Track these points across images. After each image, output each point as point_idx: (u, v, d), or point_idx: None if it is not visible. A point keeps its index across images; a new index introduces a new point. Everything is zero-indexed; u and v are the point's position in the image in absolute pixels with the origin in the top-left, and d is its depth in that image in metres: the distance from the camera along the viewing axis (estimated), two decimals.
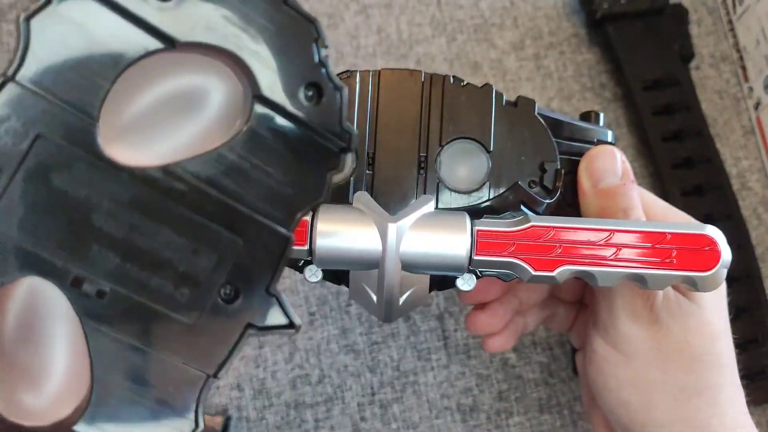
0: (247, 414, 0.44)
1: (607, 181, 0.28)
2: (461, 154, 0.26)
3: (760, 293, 0.47)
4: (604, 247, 0.24)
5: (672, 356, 0.27)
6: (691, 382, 0.27)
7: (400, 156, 0.26)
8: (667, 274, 0.24)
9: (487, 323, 0.32)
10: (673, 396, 0.27)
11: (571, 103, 0.53)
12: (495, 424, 0.44)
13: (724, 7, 0.57)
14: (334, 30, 0.54)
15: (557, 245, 0.24)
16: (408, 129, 0.26)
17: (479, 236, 0.24)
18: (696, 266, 0.24)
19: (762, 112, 0.52)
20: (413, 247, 0.24)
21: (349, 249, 0.24)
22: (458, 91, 0.27)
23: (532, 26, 0.55)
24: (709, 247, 0.24)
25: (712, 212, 0.48)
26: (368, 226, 0.24)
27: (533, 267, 0.24)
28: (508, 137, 0.27)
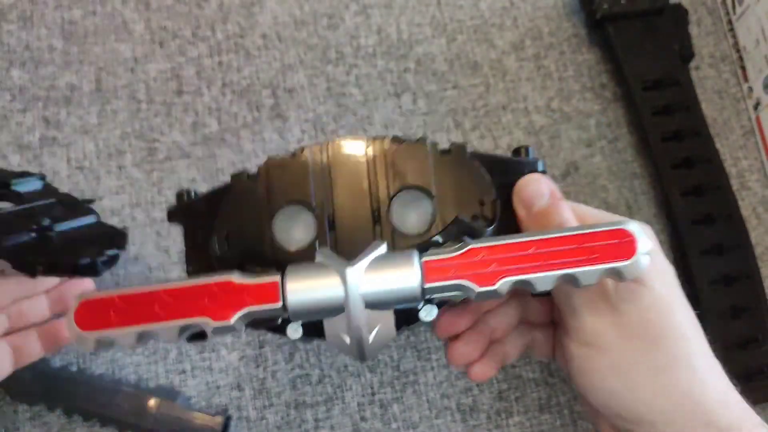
0: (248, 414, 0.44)
1: (538, 204, 0.31)
2: (408, 202, 0.30)
3: (760, 293, 0.47)
4: (535, 256, 0.27)
5: (637, 337, 0.29)
6: (662, 357, 0.29)
7: (357, 213, 0.29)
8: (594, 269, 0.26)
9: (464, 352, 0.33)
10: (651, 373, 0.29)
11: (571, 103, 0.53)
12: (495, 424, 0.44)
13: (723, 8, 0.57)
14: (334, 30, 0.54)
15: (493, 261, 0.27)
16: (360, 189, 0.30)
17: (426, 266, 0.27)
18: (617, 257, 0.26)
19: (761, 112, 0.52)
20: (372, 287, 0.27)
21: (317, 298, 0.27)
22: (398, 149, 0.30)
23: (532, 26, 0.55)
24: (626, 239, 0.26)
25: (712, 212, 0.48)
26: (330, 275, 0.27)
27: (477, 284, 0.27)
28: (447, 181, 0.30)
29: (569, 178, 0.51)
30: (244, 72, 0.52)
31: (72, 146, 0.49)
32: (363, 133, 0.51)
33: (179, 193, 0.34)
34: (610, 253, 0.26)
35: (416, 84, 0.53)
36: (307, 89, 0.52)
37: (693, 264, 0.47)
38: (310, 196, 0.30)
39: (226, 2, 0.54)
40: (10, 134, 0.49)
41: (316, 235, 0.29)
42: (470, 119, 0.52)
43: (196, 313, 0.26)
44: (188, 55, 0.53)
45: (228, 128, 0.51)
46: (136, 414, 0.42)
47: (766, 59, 0.51)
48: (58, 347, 0.40)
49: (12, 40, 0.52)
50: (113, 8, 0.54)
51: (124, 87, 0.51)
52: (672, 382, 0.28)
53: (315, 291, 0.27)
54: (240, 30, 0.54)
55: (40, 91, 0.51)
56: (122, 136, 0.50)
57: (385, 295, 0.27)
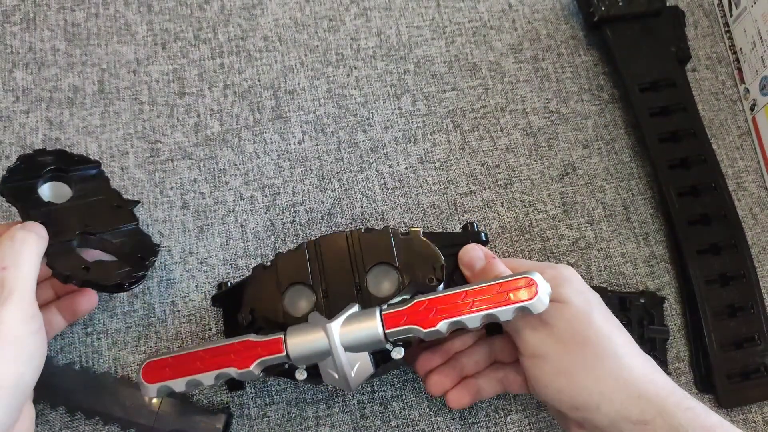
0: (249, 412, 0.44)
1: (477, 265, 0.40)
2: (380, 274, 0.40)
3: (756, 292, 0.47)
4: (464, 303, 0.35)
5: (568, 342, 0.36)
6: (590, 353, 0.35)
7: (343, 286, 0.40)
8: (508, 308, 0.35)
9: (437, 381, 0.41)
10: (585, 367, 0.35)
11: (569, 104, 0.54)
12: (493, 422, 0.44)
13: (720, 10, 0.57)
14: (334, 32, 0.55)
15: (434, 309, 0.36)
16: (344, 268, 0.40)
17: (385, 317, 0.36)
18: (525, 298, 0.35)
19: (758, 114, 0.52)
20: (348, 335, 0.36)
21: (309, 348, 0.36)
22: (369, 236, 0.41)
23: (530, 29, 0.56)
24: (531, 284, 0.35)
25: (708, 212, 0.49)
26: (317, 330, 0.37)
27: (422, 327, 0.35)
28: (407, 255, 0.40)
29: (566, 178, 0.51)
30: (246, 74, 0.53)
31: (75, 147, 0.50)
32: (363, 134, 0.52)
33: (220, 284, 0.45)
34: (519, 296, 0.35)
35: (415, 86, 0.53)
36: (308, 91, 0.53)
37: (690, 264, 0.47)
38: (308, 278, 0.40)
39: (227, 5, 0.55)
40: (13, 135, 0.50)
41: (315, 304, 0.39)
42: (469, 120, 0.53)
43: (225, 365, 0.36)
44: (190, 57, 0.53)
45: (229, 129, 0.51)
46: (139, 412, 0.42)
47: (762, 61, 0.52)
48: (75, 318, 0.44)
49: (15, 42, 0.53)
50: (116, 10, 0.54)
51: (127, 88, 0.52)
52: (603, 370, 0.35)
53: (307, 342, 0.36)
54: (241, 32, 0.54)
55: (44, 92, 0.51)
56: (125, 137, 0.50)
57: (358, 341, 0.36)
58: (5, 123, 0.50)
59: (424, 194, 0.50)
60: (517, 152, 0.52)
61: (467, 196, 0.50)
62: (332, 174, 0.50)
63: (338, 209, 0.49)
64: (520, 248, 0.49)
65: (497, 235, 0.49)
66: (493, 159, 0.51)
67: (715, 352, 0.45)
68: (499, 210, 0.50)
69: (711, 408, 0.37)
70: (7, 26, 0.53)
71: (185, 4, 0.55)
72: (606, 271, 0.49)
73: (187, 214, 0.49)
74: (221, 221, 0.49)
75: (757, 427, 0.45)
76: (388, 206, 0.50)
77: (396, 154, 0.51)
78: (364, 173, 0.51)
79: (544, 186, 0.51)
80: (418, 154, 0.51)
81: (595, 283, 0.48)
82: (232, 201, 0.49)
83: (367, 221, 0.49)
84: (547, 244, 0.49)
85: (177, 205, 0.49)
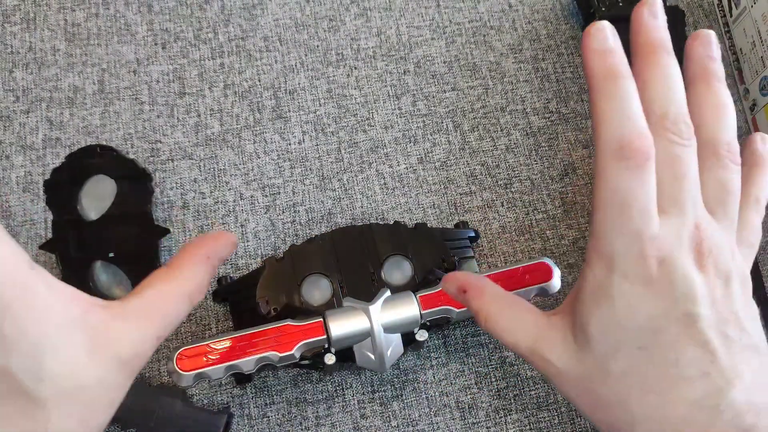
0: (249, 411, 0.44)
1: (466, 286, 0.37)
2: (393, 264, 0.43)
3: (761, 293, 0.47)
4: (489, 279, 0.38)
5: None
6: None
7: (359, 277, 0.42)
8: (530, 289, 0.41)
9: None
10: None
11: (569, 104, 0.54)
12: (493, 422, 0.44)
13: (720, 10, 0.57)
14: (334, 33, 0.55)
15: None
16: (359, 259, 0.43)
17: (421, 299, 0.40)
18: (542, 280, 0.41)
19: (758, 114, 0.52)
20: (387, 317, 0.40)
21: (351, 329, 0.39)
22: (382, 229, 0.44)
23: (530, 29, 0.56)
24: (546, 268, 0.41)
25: None
26: (358, 313, 0.40)
27: (455, 307, 0.40)
28: (418, 247, 0.43)
29: (566, 178, 0.51)
30: (246, 74, 0.53)
31: (75, 147, 0.50)
32: (363, 134, 0.52)
33: (219, 279, 0.46)
34: (537, 278, 0.41)
35: (416, 86, 0.53)
36: (308, 91, 0.53)
37: None
38: (325, 269, 0.42)
39: (227, 5, 0.55)
40: (13, 135, 0.50)
41: (333, 293, 0.42)
42: (469, 120, 0.53)
43: (267, 350, 0.38)
44: (190, 57, 0.53)
45: (230, 129, 0.51)
46: (139, 412, 0.42)
47: (762, 61, 0.52)
48: None
49: (15, 42, 0.53)
50: (116, 10, 0.54)
51: (127, 88, 0.52)
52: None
53: (349, 324, 0.39)
54: (242, 32, 0.54)
55: (44, 92, 0.51)
56: (125, 137, 0.50)
57: (397, 322, 0.40)
58: (5, 123, 0.50)
59: (424, 194, 0.50)
60: (517, 152, 0.52)
61: (467, 196, 0.50)
62: (332, 174, 0.50)
63: (338, 209, 0.49)
64: (520, 248, 0.49)
65: (497, 235, 0.49)
66: (493, 159, 0.51)
67: None
68: (499, 210, 0.50)
69: None
70: (7, 26, 0.53)
71: (185, 4, 0.55)
72: None
73: (188, 214, 0.49)
74: (221, 221, 0.49)
75: None
76: (388, 206, 0.50)
77: (396, 154, 0.51)
78: (364, 173, 0.51)
79: (544, 186, 0.51)
80: (418, 154, 0.51)
81: None
82: (232, 201, 0.49)
83: (367, 221, 0.49)
84: (547, 244, 0.49)
85: (177, 205, 0.49)
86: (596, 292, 0.29)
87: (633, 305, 0.28)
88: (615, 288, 0.28)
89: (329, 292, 0.42)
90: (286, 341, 0.38)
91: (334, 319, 0.39)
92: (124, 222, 0.44)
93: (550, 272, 0.41)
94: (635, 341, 0.28)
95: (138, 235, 0.44)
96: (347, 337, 0.39)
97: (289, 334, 0.38)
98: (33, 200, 0.48)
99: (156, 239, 0.45)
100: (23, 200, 0.48)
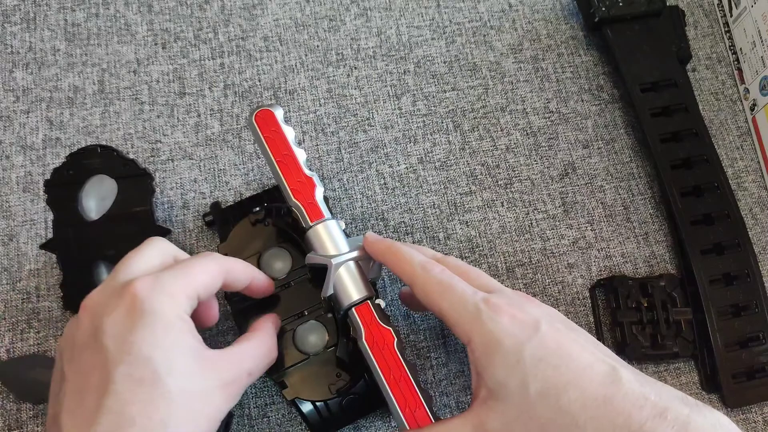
0: (249, 411, 0.44)
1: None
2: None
3: (761, 292, 0.47)
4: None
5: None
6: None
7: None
8: None
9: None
10: None
11: (569, 104, 0.54)
12: None
13: (720, 10, 0.57)
14: (334, 33, 0.55)
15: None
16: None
17: None
18: None
19: (758, 114, 0.52)
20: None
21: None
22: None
23: (530, 29, 0.56)
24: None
25: (711, 212, 0.49)
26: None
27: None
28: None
29: (566, 178, 0.51)
30: (246, 74, 0.53)
31: (75, 147, 0.50)
32: (363, 134, 0.52)
33: (213, 203, 0.46)
34: None
35: (416, 86, 0.53)
36: (308, 91, 0.53)
37: (694, 264, 0.47)
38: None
39: (227, 5, 0.55)
40: (14, 135, 0.50)
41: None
42: (469, 120, 0.53)
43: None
44: (190, 57, 0.53)
45: (230, 129, 0.51)
46: None
47: (762, 61, 0.52)
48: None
49: (15, 42, 0.53)
50: (116, 10, 0.54)
51: (127, 88, 0.52)
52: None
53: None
54: (242, 32, 0.54)
55: (44, 92, 0.51)
56: (125, 137, 0.50)
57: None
58: (5, 123, 0.50)
59: (424, 194, 0.50)
60: (517, 152, 0.52)
61: (467, 196, 0.50)
62: (332, 174, 0.50)
63: (338, 209, 0.49)
64: (520, 248, 0.49)
65: (497, 235, 0.49)
66: (493, 159, 0.51)
67: (720, 351, 0.45)
68: (499, 210, 0.50)
69: (716, 408, 0.37)
70: (7, 26, 0.53)
71: (185, 4, 0.55)
72: (606, 272, 0.49)
73: (188, 214, 0.49)
74: None
75: (757, 427, 0.45)
76: (388, 206, 0.50)
77: (396, 154, 0.51)
78: (364, 173, 0.51)
79: (544, 186, 0.51)
80: (418, 154, 0.51)
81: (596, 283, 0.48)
82: (233, 201, 0.49)
83: (367, 221, 0.49)
84: (547, 244, 0.49)
85: (177, 205, 0.49)
86: (484, 349, 0.33)
87: (513, 337, 0.33)
88: (494, 334, 0.33)
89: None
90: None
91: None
92: (124, 222, 0.44)
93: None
94: (529, 361, 0.32)
95: (138, 234, 0.44)
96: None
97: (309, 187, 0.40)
98: (33, 200, 0.48)
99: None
100: (23, 200, 0.48)
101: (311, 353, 0.40)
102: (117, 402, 0.29)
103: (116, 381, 0.29)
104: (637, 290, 0.47)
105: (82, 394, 0.30)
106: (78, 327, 0.32)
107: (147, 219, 0.45)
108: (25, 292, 0.46)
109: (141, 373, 0.29)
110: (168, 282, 0.32)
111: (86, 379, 0.30)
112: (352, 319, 0.38)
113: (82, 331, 0.31)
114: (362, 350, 0.37)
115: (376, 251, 0.39)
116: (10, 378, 0.43)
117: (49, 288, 0.46)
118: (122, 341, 0.30)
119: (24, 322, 0.45)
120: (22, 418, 0.43)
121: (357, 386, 0.40)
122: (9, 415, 0.43)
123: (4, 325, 0.45)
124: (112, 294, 0.32)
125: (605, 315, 0.48)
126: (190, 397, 0.30)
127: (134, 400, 0.29)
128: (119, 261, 0.34)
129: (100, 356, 0.30)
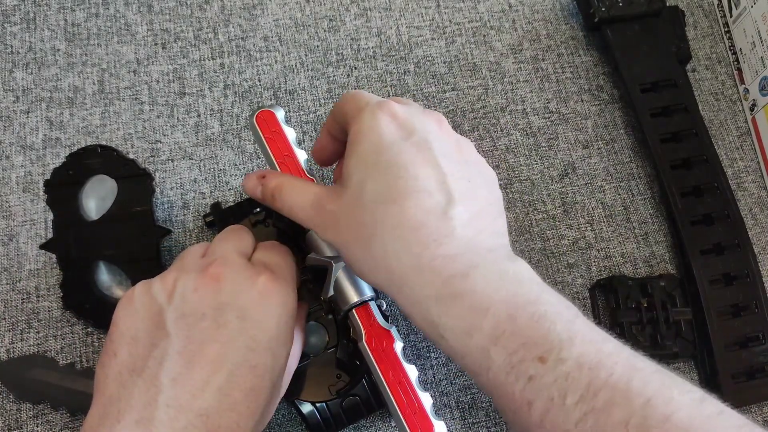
0: None
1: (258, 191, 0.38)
2: None
3: (760, 292, 0.47)
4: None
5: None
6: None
7: None
8: None
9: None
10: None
11: (569, 104, 0.54)
12: (493, 421, 0.44)
13: (720, 10, 0.57)
14: (334, 33, 0.55)
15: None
16: None
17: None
18: None
19: (757, 114, 0.52)
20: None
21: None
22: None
23: (530, 29, 0.56)
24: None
25: (711, 212, 0.49)
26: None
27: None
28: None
29: (566, 178, 0.51)
30: (246, 74, 0.53)
31: (75, 147, 0.50)
32: None
33: (214, 204, 0.46)
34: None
35: (416, 86, 0.53)
36: (308, 91, 0.53)
37: (693, 264, 0.47)
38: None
39: (227, 5, 0.55)
40: (13, 135, 0.50)
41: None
42: (469, 120, 0.53)
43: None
44: (190, 57, 0.53)
45: (230, 129, 0.51)
46: None
47: (762, 61, 0.52)
48: None
49: (15, 42, 0.53)
50: (116, 10, 0.54)
51: (127, 88, 0.52)
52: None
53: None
54: (242, 32, 0.54)
55: (44, 92, 0.51)
56: (125, 137, 0.50)
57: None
58: (5, 123, 0.50)
59: None
60: (517, 152, 0.52)
61: None
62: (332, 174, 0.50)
63: None
64: (520, 248, 0.49)
65: None
66: (493, 159, 0.51)
67: (720, 351, 0.45)
68: None
69: None
70: (7, 26, 0.53)
71: (185, 4, 0.55)
72: (606, 272, 0.49)
73: (188, 214, 0.49)
74: None
75: None
76: None
77: None
78: None
79: (544, 186, 0.51)
80: None
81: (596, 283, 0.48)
82: (233, 201, 0.49)
83: None
84: (547, 244, 0.49)
85: (177, 205, 0.49)
86: (352, 138, 0.33)
87: (379, 134, 0.32)
88: (366, 123, 0.32)
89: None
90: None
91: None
92: (124, 222, 0.44)
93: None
94: (381, 163, 0.31)
95: (139, 235, 0.44)
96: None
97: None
98: (33, 200, 0.48)
99: (157, 239, 0.45)
100: (23, 200, 0.48)
101: (311, 354, 0.40)
102: (228, 384, 0.30)
103: (234, 363, 0.30)
104: (636, 290, 0.47)
105: (192, 364, 0.30)
106: (201, 291, 0.32)
107: (147, 219, 0.45)
108: (25, 292, 0.46)
109: (257, 362, 0.31)
110: (289, 273, 0.35)
111: (201, 349, 0.30)
112: (352, 320, 0.38)
113: (208, 299, 0.31)
114: (362, 351, 0.37)
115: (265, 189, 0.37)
116: (10, 378, 0.43)
117: (49, 288, 0.46)
118: (249, 325, 0.31)
119: (24, 322, 0.45)
120: (22, 418, 0.43)
121: (357, 387, 0.40)
122: (9, 415, 0.43)
123: (4, 325, 0.45)
124: (242, 271, 0.33)
125: (605, 315, 0.48)
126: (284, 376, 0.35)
127: (243, 387, 0.30)
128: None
129: (223, 332, 0.31)
